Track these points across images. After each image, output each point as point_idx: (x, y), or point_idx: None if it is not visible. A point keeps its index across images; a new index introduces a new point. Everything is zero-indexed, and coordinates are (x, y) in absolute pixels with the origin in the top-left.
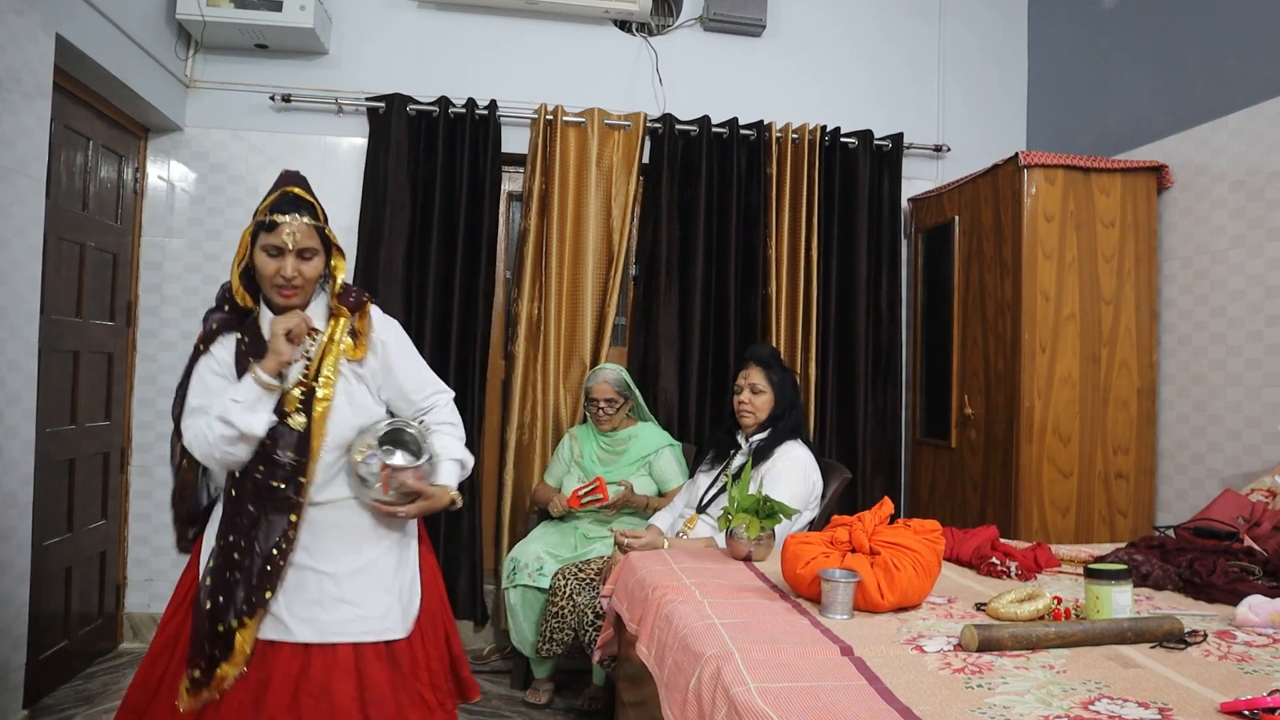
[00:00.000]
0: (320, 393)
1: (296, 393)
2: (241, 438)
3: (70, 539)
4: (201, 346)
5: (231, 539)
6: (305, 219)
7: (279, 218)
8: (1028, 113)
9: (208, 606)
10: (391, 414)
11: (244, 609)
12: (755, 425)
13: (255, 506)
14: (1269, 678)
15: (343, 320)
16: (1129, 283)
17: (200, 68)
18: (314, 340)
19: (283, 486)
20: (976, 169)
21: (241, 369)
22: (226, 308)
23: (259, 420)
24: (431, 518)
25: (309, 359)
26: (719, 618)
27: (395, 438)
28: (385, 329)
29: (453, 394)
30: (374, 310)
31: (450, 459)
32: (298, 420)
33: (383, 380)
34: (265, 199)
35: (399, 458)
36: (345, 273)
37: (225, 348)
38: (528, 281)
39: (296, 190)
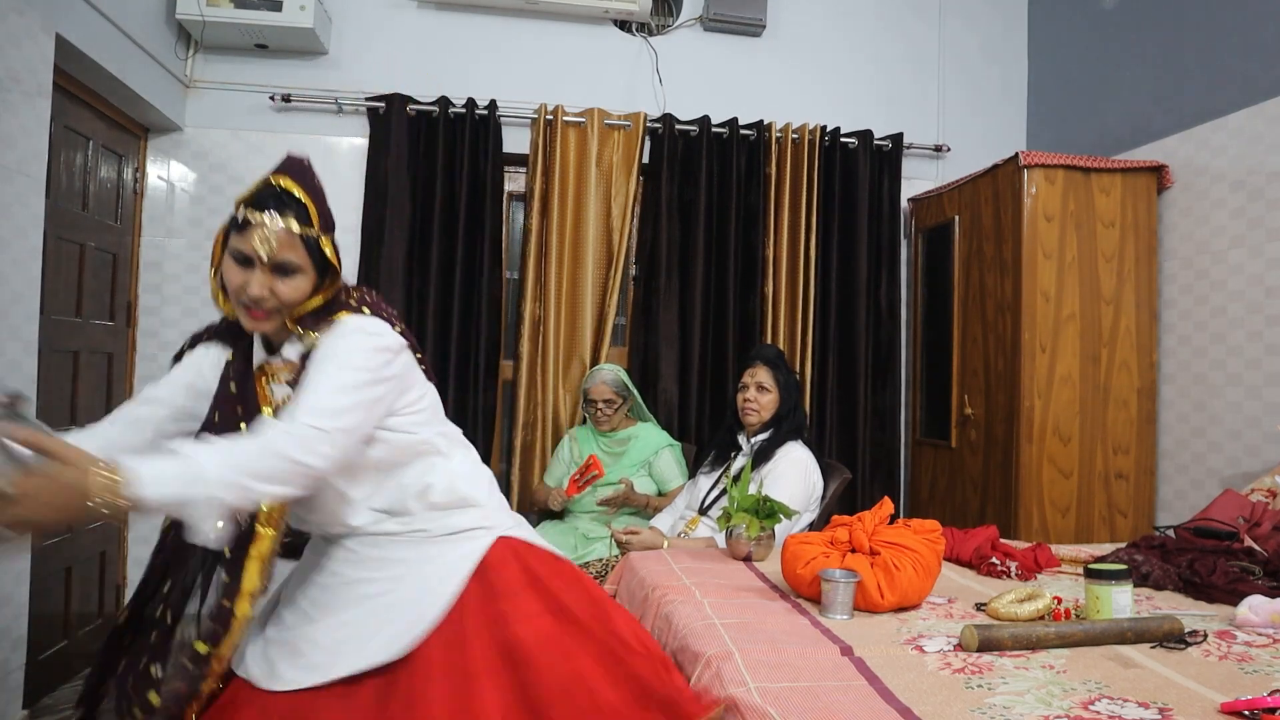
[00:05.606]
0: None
1: None
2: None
3: (70, 539)
4: (187, 348)
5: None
6: (290, 222)
7: (254, 215)
8: (1028, 113)
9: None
10: None
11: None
12: (759, 424)
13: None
14: (1269, 678)
15: (311, 337)
16: (1129, 283)
17: (200, 68)
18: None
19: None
20: (976, 169)
21: (222, 402)
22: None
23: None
24: None
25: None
26: (719, 618)
27: None
28: (335, 339)
29: (329, 433)
30: (350, 320)
31: (168, 454)
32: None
33: None
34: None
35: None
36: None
37: (210, 360)
38: (529, 281)
39: (286, 182)
